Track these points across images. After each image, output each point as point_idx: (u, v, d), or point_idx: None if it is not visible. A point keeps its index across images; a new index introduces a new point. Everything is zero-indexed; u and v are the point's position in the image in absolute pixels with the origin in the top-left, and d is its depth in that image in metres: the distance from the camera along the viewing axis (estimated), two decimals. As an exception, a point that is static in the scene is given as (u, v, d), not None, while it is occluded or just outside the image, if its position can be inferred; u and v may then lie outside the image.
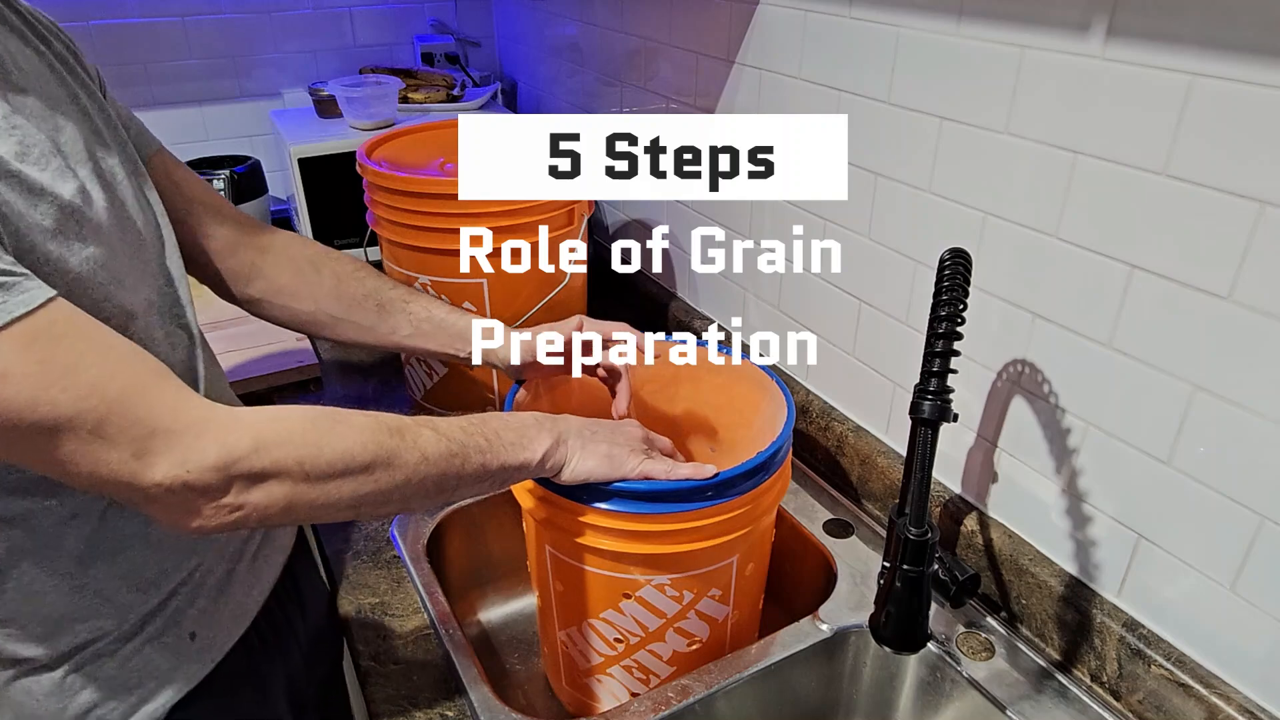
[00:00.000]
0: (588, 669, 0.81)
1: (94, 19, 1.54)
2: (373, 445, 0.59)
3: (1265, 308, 0.58)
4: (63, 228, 0.53)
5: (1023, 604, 0.81)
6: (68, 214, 0.54)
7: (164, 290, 0.65)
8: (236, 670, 0.72)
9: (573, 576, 0.75)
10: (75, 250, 0.54)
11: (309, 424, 0.58)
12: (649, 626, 0.76)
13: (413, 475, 0.61)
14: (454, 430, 0.65)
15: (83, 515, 0.61)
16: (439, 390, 1.14)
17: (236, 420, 0.55)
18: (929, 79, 0.79)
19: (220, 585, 0.70)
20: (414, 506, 0.64)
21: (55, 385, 0.48)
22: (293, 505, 0.56)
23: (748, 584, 0.79)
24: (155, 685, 0.66)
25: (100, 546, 0.62)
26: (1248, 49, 0.55)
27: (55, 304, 0.49)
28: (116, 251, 0.58)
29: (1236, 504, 0.63)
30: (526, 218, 1.02)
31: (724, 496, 0.70)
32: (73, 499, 0.60)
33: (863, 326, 0.95)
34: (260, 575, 0.76)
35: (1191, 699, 0.67)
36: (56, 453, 0.49)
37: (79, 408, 0.49)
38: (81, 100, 0.63)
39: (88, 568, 0.62)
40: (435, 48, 1.78)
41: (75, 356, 0.49)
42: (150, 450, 0.51)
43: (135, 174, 0.66)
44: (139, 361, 0.53)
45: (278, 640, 0.78)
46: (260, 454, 0.54)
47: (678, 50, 1.17)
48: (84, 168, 0.58)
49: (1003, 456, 0.82)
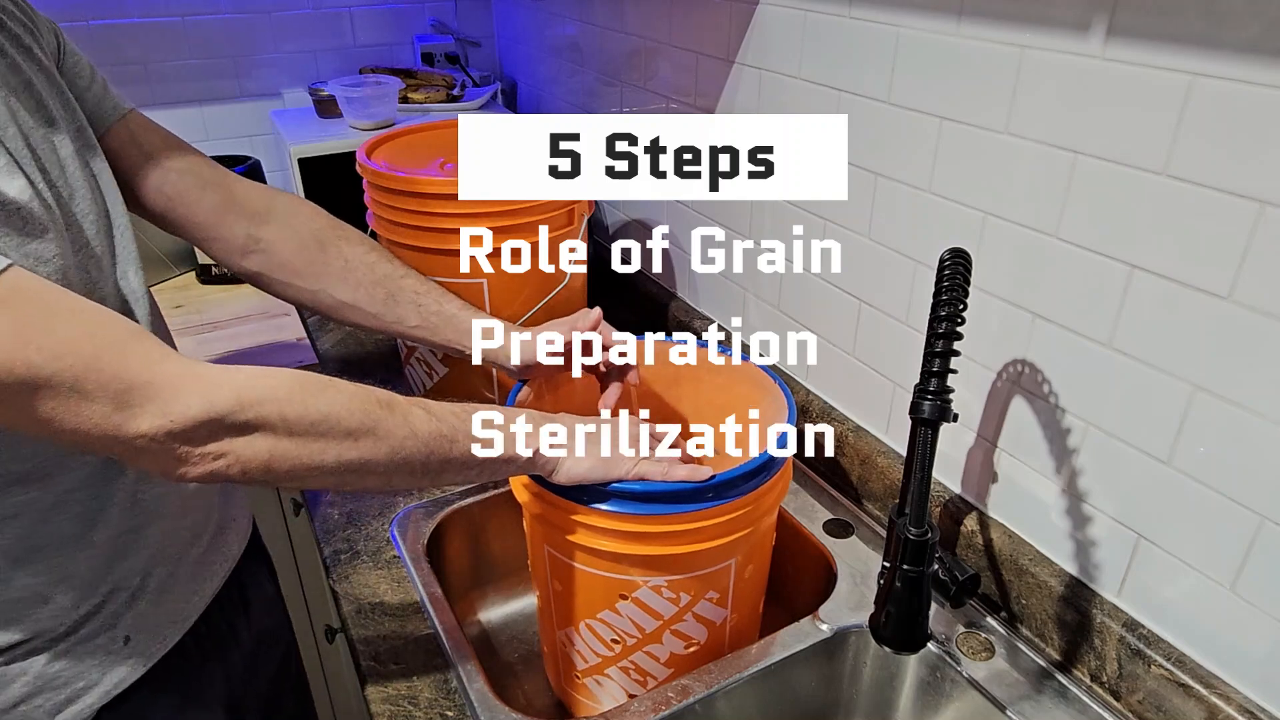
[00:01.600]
0: (585, 669, 0.81)
1: (94, 19, 1.54)
2: (360, 412, 0.59)
3: (1265, 308, 0.58)
4: (5, 225, 0.53)
5: (1023, 604, 0.81)
6: (10, 212, 0.53)
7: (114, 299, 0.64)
8: (170, 674, 0.71)
9: (570, 576, 0.75)
10: (16, 245, 0.54)
11: (296, 383, 0.58)
12: (646, 628, 0.76)
13: (399, 449, 0.61)
14: (447, 414, 0.65)
15: (21, 515, 0.60)
16: (439, 390, 1.14)
17: (220, 373, 0.55)
18: (929, 79, 0.79)
19: (159, 589, 0.70)
20: (397, 483, 0.63)
21: (30, 345, 0.48)
22: (273, 461, 0.56)
23: (747, 587, 0.79)
24: (84, 685, 0.66)
25: (37, 546, 0.62)
26: (1248, 49, 0.55)
27: (15, 270, 0.50)
28: (66, 252, 0.58)
29: (1236, 504, 0.63)
30: (526, 218, 1.02)
31: (723, 498, 0.70)
32: (8, 499, 0.59)
33: (863, 326, 0.95)
34: (202, 582, 0.75)
35: (1191, 699, 0.67)
36: (39, 412, 0.50)
37: (55, 367, 0.49)
38: (36, 86, 0.61)
39: (23, 566, 0.61)
40: (435, 48, 1.78)
41: (46, 317, 0.50)
42: (131, 403, 0.51)
43: (90, 162, 0.64)
44: (111, 320, 0.54)
45: (217, 647, 0.77)
46: (244, 407, 0.54)
47: (677, 50, 1.17)
48: (30, 163, 0.57)
49: (1003, 456, 0.82)
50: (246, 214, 0.80)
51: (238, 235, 0.80)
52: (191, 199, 0.77)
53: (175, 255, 1.51)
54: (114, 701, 0.67)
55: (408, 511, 0.98)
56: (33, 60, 0.63)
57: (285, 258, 0.82)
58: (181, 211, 0.77)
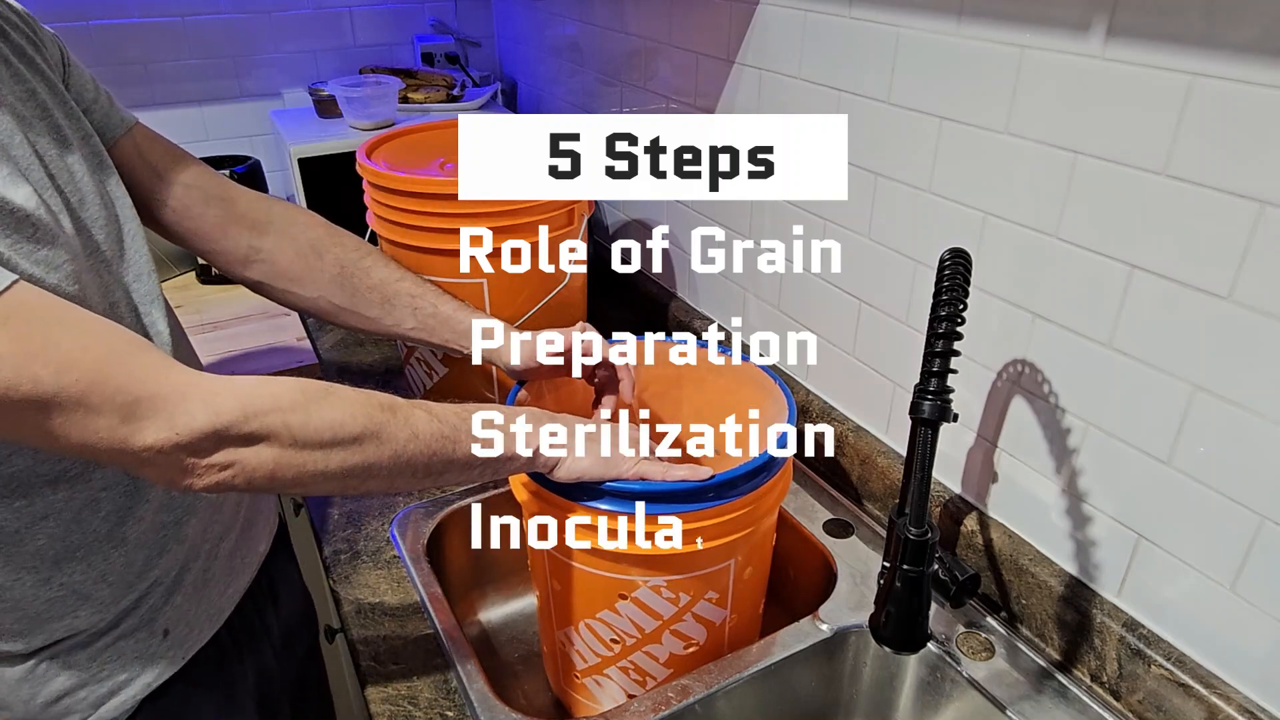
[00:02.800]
0: (585, 669, 0.81)
1: (94, 19, 1.54)
2: (362, 417, 0.59)
3: (1265, 308, 0.58)
4: (15, 233, 0.53)
5: (1023, 604, 0.81)
6: (20, 219, 0.53)
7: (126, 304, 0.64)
8: (207, 665, 0.72)
9: (569, 575, 0.75)
10: (27, 253, 0.54)
11: (298, 392, 0.58)
12: (645, 628, 0.76)
13: (401, 451, 0.61)
14: (448, 414, 0.65)
15: (53, 516, 0.61)
16: (439, 390, 1.14)
17: (224, 384, 0.55)
18: (929, 79, 0.79)
19: (196, 584, 0.71)
20: (400, 485, 0.64)
21: (36, 361, 0.48)
22: (278, 470, 0.56)
23: (746, 588, 0.79)
24: (126, 678, 0.67)
25: (73, 546, 0.62)
26: (1248, 49, 0.55)
27: (20, 286, 0.50)
28: (77, 257, 0.58)
29: (1236, 504, 0.63)
30: (526, 218, 1.02)
31: (723, 498, 0.70)
32: (43, 500, 0.60)
33: (863, 326, 0.95)
34: (236, 575, 0.76)
35: (1191, 699, 0.67)
36: (46, 426, 0.50)
37: (61, 381, 0.49)
38: (40, 95, 0.62)
39: (61, 566, 0.62)
40: (435, 48, 1.78)
41: (50, 333, 0.50)
42: (137, 415, 0.51)
43: (99, 169, 0.65)
44: (115, 333, 0.54)
45: (250, 638, 0.79)
46: (249, 418, 0.54)
47: (677, 50, 1.17)
48: (37, 171, 0.57)
49: (1003, 456, 0.82)
50: (247, 225, 0.81)
51: (240, 246, 0.81)
52: (196, 213, 0.78)
53: (175, 255, 1.51)
54: (153, 694, 0.69)
55: (408, 512, 0.98)
56: (36, 71, 0.63)
57: (284, 266, 0.82)
58: (187, 225, 0.78)
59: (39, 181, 0.57)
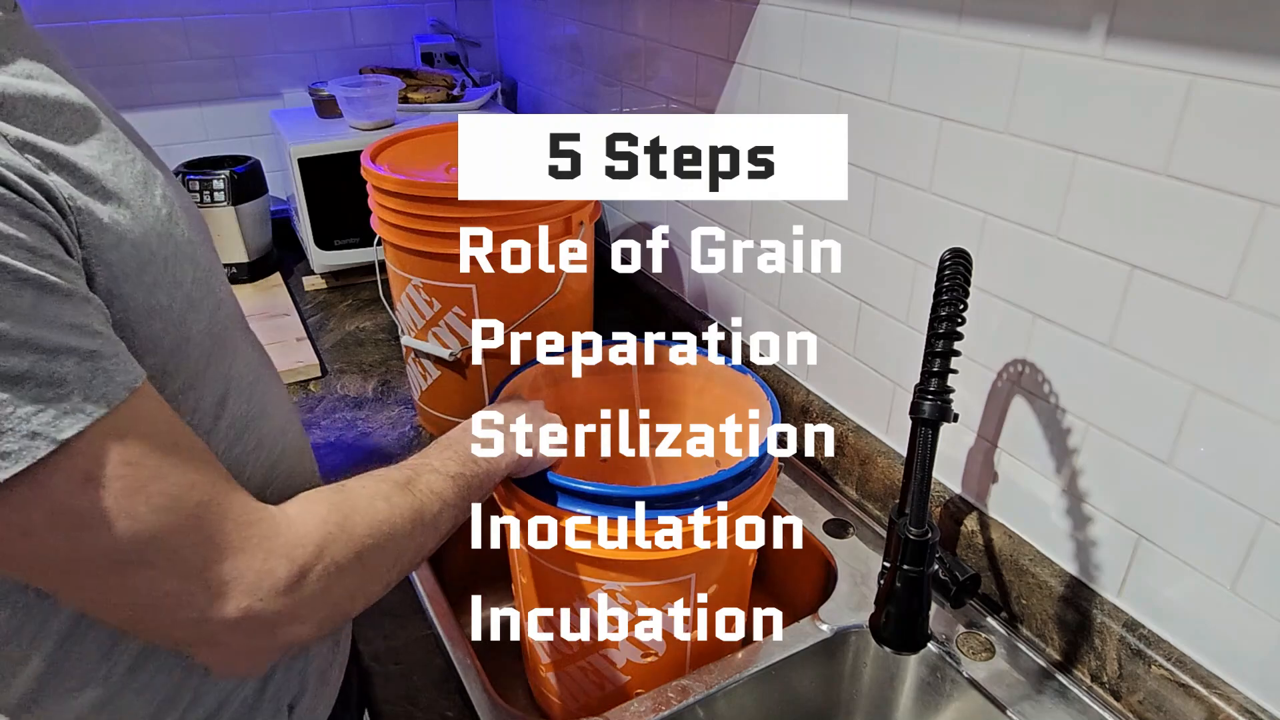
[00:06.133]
0: (548, 664, 0.82)
1: (93, 19, 1.54)
2: (398, 514, 0.55)
3: (1265, 308, 0.58)
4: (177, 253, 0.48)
5: (1023, 604, 0.81)
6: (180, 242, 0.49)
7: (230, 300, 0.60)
8: None
9: (532, 571, 0.76)
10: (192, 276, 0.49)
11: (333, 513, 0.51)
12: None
13: (440, 520, 0.59)
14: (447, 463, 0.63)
15: None
16: (438, 389, 1.14)
17: (293, 523, 0.48)
18: (929, 79, 0.79)
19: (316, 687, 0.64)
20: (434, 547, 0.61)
21: (139, 494, 0.39)
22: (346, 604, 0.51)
23: (712, 605, 0.78)
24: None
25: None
26: (1248, 49, 0.55)
27: (144, 389, 0.41)
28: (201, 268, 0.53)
29: (1236, 504, 0.63)
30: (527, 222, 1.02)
31: (679, 509, 0.69)
32: None
33: (863, 326, 0.95)
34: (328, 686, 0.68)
35: (1192, 699, 0.67)
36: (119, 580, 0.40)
37: (159, 522, 0.40)
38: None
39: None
40: (435, 48, 1.78)
41: (160, 459, 0.41)
42: (222, 577, 0.43)
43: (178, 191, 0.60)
44: (212, 465, 0.45)
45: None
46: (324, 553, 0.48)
47: (677, 50, 1.17)
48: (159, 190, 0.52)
49: (1003, 456, 0.82)
50: None
51: None
52: None
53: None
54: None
55: (408, 511, 0.97)
56: None
57: None
58: None
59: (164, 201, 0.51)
